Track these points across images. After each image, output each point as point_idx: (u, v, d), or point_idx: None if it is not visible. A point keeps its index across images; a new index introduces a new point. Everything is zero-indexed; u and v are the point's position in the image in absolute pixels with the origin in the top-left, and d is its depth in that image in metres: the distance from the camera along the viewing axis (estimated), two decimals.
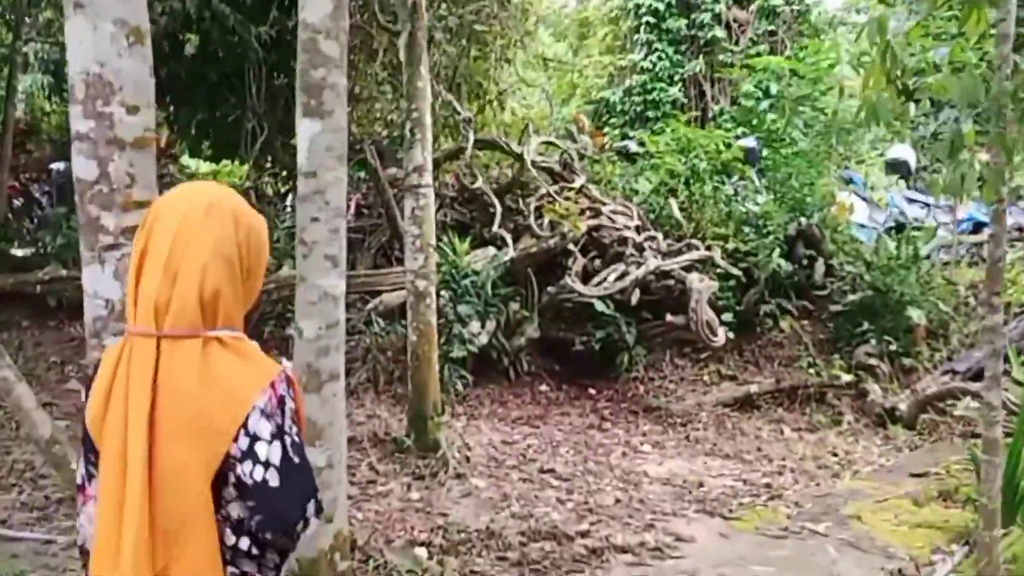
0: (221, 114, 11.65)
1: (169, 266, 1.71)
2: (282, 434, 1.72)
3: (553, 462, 7.18)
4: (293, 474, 1.70)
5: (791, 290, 10.10)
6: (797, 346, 9.75)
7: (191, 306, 1.70)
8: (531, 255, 9.18)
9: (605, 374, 9.57)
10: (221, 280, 1.74)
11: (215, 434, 1.68)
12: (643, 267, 8.69)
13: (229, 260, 1.76)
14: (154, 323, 1.70)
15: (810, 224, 10.05)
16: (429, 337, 7.07)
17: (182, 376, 1.68)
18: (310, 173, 4.18)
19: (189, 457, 1.67)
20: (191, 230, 1.73)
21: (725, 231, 9.97)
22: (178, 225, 1.73)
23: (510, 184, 10.36)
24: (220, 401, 1.68)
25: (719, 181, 10.53)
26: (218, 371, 1.70)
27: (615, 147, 12.26)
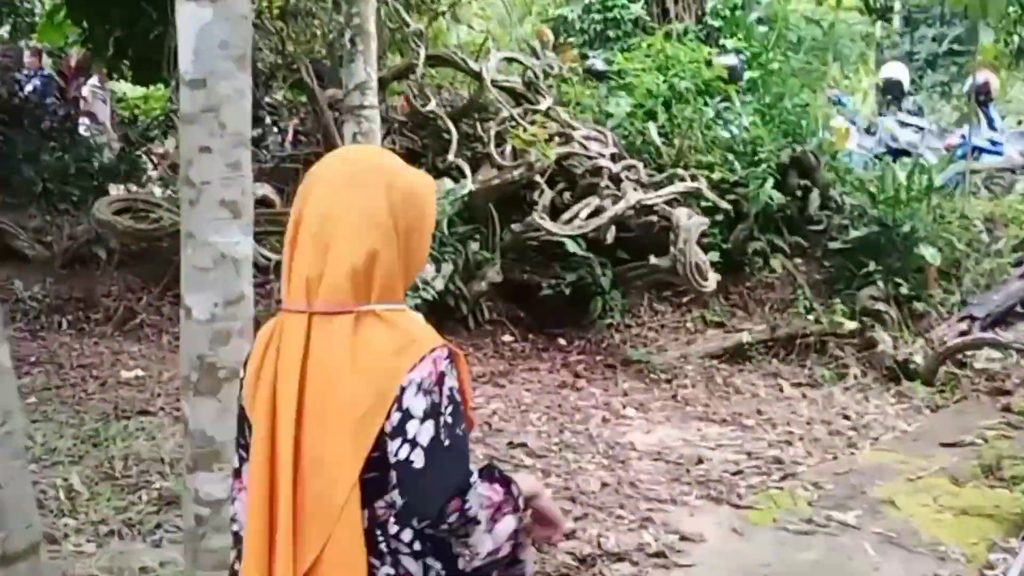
0: (141, 30, 10.29)
1: (319, 239, 1.65)
2: (436, 413, 1.61)
3: (524, 433, 6.09)
4: (441, 457, 1.59)
5: (783, 225, 9.04)
6: (791, 288, 8.72)
7: (342, 280, 1.64)
8: (492, 188, 7.99)
9: (576, 322, 8.49)
10: (375, 250, 1.65)
11: (365, 414, 1.60)
12: (622, 201, 7.54)
13: (383, 228, 1.66)
14: (305, 299, 1.65)
15: (805, 151, 8.95)
16: None
17: (333, 355, 1.62)
18: (197, 81, 2.96)
19: (339, 442, 1.61)
20: (339, 201, 1.67)
21: (710, 159, 8.83)
22: (327, 196, 1.68)
23: (467, 107, 9.10)
24: (371, 378, 1.60)
25: (702, 103, 9.36)
26: (372, 347, 1.62)
27: (583, 66, 10.99)
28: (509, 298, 8.63)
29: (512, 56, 9.33)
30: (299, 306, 1.66)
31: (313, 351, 1.63)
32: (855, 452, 5.93)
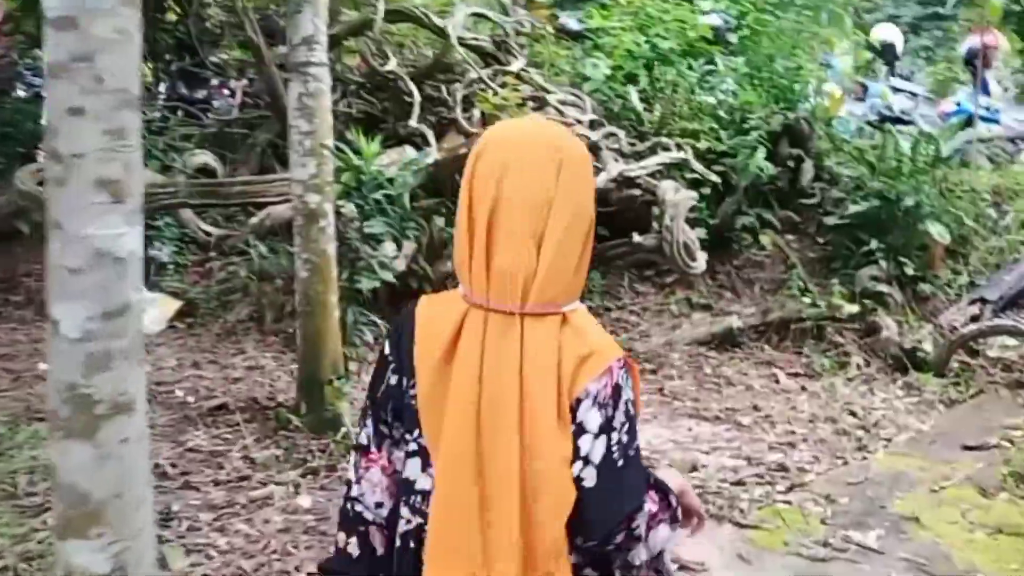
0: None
1: (528, 233, 1.54)
2: (610, 429, 1.54)
3: None
4: (613, 477, 1.53)
5: (773, 198, 8.36)
6: (783, 267, 8.05)
7: (557, 279, 1.55)
8: (460, 157, 7.21)
9: None
10: (582, 245, 1.58)
11: (564, 427, 1.53)
12: (602, 174, 6.80)
13: (586, 220, 1.59)
14: (517, 298, 1.54)
15: (797, 118, 8.25)
16: (325, 272, 5.14)
17: (543, 358, 1.53)
18: (64, 20, 2.19)
19: (554, 452, 1.52)
20: (545, 189, 1.55)
21: (696, 127, 8.11)
22: (529, 183, 1.55)
23: (431, 67, 8.31)
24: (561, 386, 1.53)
25: (686, 66, 8.63)
26: (564, 353, 1.54)
27: (556, 25, 10.20)
28: None
29: (480, 12, 8.52)
30: (506, 305, 1.54)
31: (527, 354, 1.53)
32: (867, 456, 5.28)
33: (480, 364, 1.54)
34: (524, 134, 1.64)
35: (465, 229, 1.58)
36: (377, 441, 1.68)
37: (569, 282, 1.57)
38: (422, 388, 1.58)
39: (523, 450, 1.52)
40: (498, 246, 1.55)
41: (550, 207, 1.54)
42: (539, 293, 1.54)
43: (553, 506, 1.51)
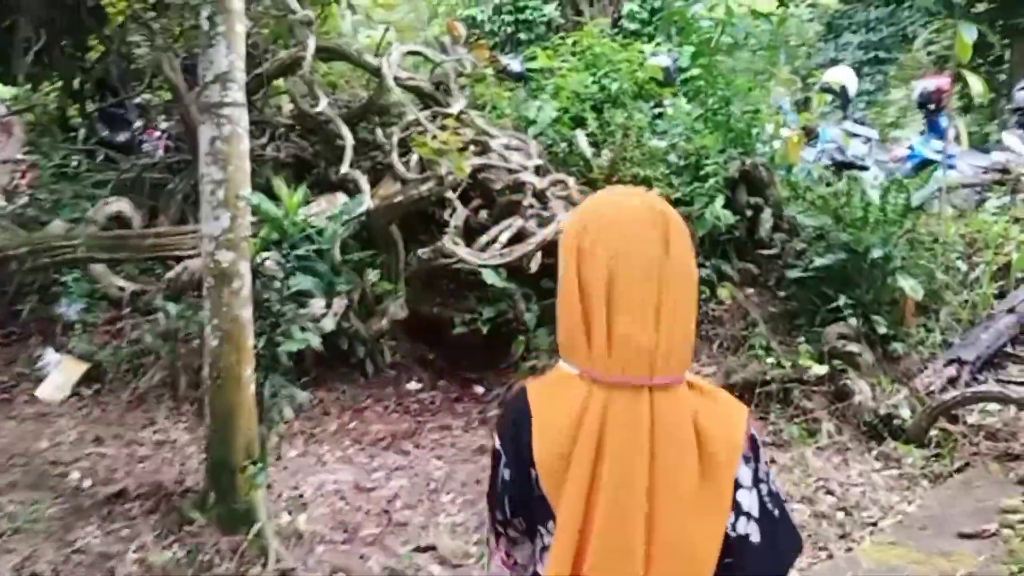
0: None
1: (652, 305, 1.52)
2: (758, 481, 1.58)
3: (433, 527, 4.73)
4: (773, 528, 1.56)
5: (730, 249, 7.85)
6: (742, 323, 7.52)
7: (678, 347, 1.55)
8: (395, 206, 6.62)
9: (495, 364, 7.15)
10: (695, 310, 1.60)
11: (719, 492, 1.51)
12: (552, 224, 6.24)
13: (695, 284, 1.61)
14: (648, 371, 1.51)
15: (756, 163, 7.78)
16: (238, 341, 4.47)
17: (681, 430, 1.51)
18: None
19: (696, 528, 1.50)
20: (663, 261, 1.54)
21: (649, 172, 7.60)
22: (649, 260, 1.54)
23: (365, 108, 7.71)
24: (713, 452, 1.51)
25: (637, 109, 8.14)
26: (701, 419, 1.53)
27: (495, 68, 9.69)
28: (416, 336, 7.29)
29: (417, 50, 7.96)
30: (634, 379, 1.51)
31: (660, 427, 1.50)
32: (852, 546, 4.70)
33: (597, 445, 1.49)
34: (625, 206, 1.59)
35: (579, 308, 1.54)
36: (494, 536, 1.69)
37: (689, 348, 1.57)
38: (551, 478, 1.52)
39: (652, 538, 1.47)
40: (620, 321, 1.51)
41: (663, 277, 1.53)
42: (664, 363, 1.51)
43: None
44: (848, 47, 18.56)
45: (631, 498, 1.47)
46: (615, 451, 1.49)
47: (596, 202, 1.65)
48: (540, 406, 1.56)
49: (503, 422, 1.64)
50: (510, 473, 1.58)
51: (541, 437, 1.53)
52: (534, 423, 1.54)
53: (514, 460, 1.58)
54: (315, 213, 6.84)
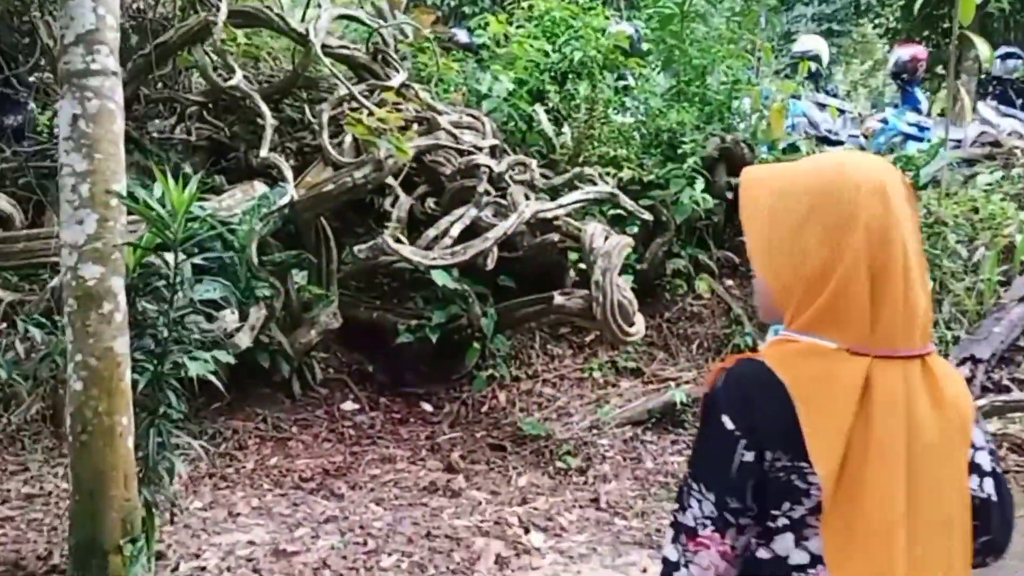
0: None
1: (920, 274, 1.48)
2: (986, 443, 1.57)
3: None
4: (1003, 486, 1.57)
5: (709, 236, 6.98)
6: (724, 320, 6.66)
7: (930, 314, 1.50)
8: (324, 196, 5.61)
9: (446, 376, 6.22)
10: None
11: (964, 457, 1.50)
12: (514, 215, 5.28)
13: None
14: (919, 341, 1.46)
15: (736, 140, 6.90)
16: (110, 383, 3.46)
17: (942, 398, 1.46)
18: None
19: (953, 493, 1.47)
20: (916, 230, 1.49)
21: (619, 153, 6.68)
22: (911, 224, 1.48)
23: (289, 82, 6.67)
24: (963, 416, 1.49)
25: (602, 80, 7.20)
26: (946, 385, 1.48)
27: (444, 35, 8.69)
28: (352, 346, 6.31)
29: (350, 14, 6.92)
30: (912, 349, 1.45)
31: (946, 394, 1.47)
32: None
33: (907, 414, 1.43)
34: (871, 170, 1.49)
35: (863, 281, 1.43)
36: (718, 526, 1.48)
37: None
38: (829, 455, 1.41)
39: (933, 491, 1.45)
40: (912, 291, 1.45)
41: (918, 247, 1.49)
42: (926, 332, 1.49)
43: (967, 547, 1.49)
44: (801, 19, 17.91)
45: (898, 467, 1.42)
46: (887, 423, 1.42)
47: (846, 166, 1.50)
48: (798, 379, 1.44)
49: (731, 399, 1.47)
50: (753, 454, 1.45)
51: (814, 413, 1.42)
52: (796, 397, 1.42)
53: (755, 439, 1.45)
54: (229, 207, 5.86)
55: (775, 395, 1.42)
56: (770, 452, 1.44)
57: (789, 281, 1.47)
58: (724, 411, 1.46)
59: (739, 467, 1.46)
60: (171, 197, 3.73)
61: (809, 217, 1.45)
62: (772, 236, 1.48)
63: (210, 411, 5.52)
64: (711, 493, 1.48)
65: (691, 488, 1.50)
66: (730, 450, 1.46)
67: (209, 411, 5.52)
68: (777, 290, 1.49)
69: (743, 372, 1.48)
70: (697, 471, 1.51)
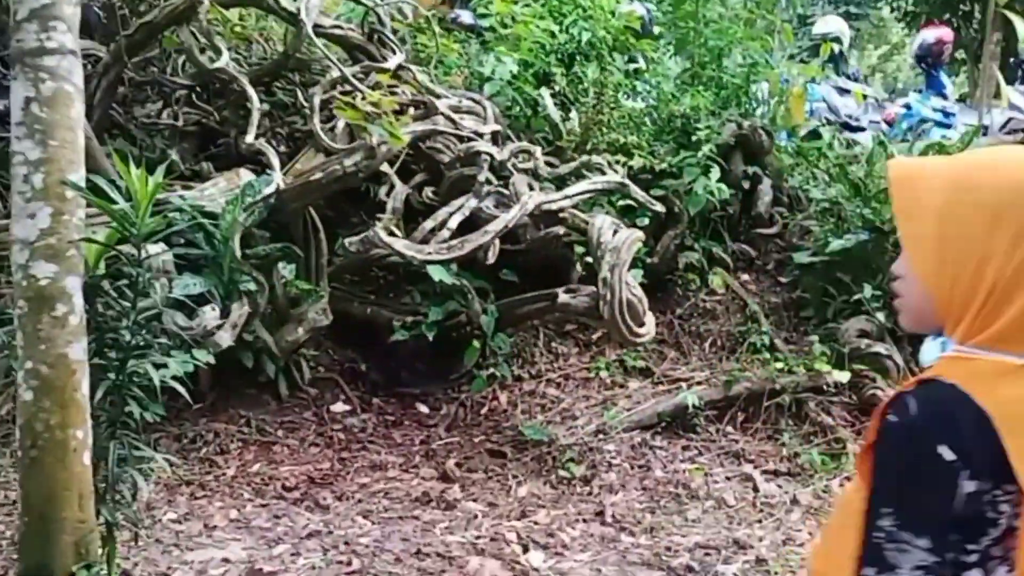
0: None
1: None
2: None
3: None
4: None
5: (723, 228, 6.60)
6: (740, 317, 6.29)
7: None
8: (312, 185, 5.25)
9: (444, 376, 5.87)
10: None
11: None
12: (516, 206, 4.91)
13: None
14: None
15: (754, 127, 6.51)
16: (63, 393, 3.13)
17: None
18: None
19: None
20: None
21: (629, 140, 6.31)
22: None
23: (279, 64, 6.32)
24: None
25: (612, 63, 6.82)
26: None
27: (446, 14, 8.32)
28: (345, 343, 5.97)
29: None
30: None
31: None
32: None
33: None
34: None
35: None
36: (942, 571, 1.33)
37: None
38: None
39: None
40: None
41: None
42: None
43: None
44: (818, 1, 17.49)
45: None
46: None
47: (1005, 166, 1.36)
48: (1000, 404, 1.29)
49: (943, 427, 1.30)
50: (975, 484, 1.30)
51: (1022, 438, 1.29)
52: (1000, 423, 1.28)
53: (974, 468, 1.29)
54: (212, 196, 5.52)
55: (976, 420, 1.30)
56: (979, 481, 1.32)
57: (967, 290, 1.33)
58: (940, 441, 1.32)
59: (964, 500, 1.33)
60: (134, 187, 3.38)
61: (1000, 218, 1.30)
62: (945, 238, 1.32)
63: (191, 412, 5.18)
64: (923, 538, 1.34)
65: (895, 541, 1.34)
66: (951, 483, 1.32)
67: (190, 412, 5.18)
68: (946, 299, 1.34)
69: (940, 397, 1.33)
70: (904, 518, 1.34)
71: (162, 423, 4.98)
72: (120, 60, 6.35)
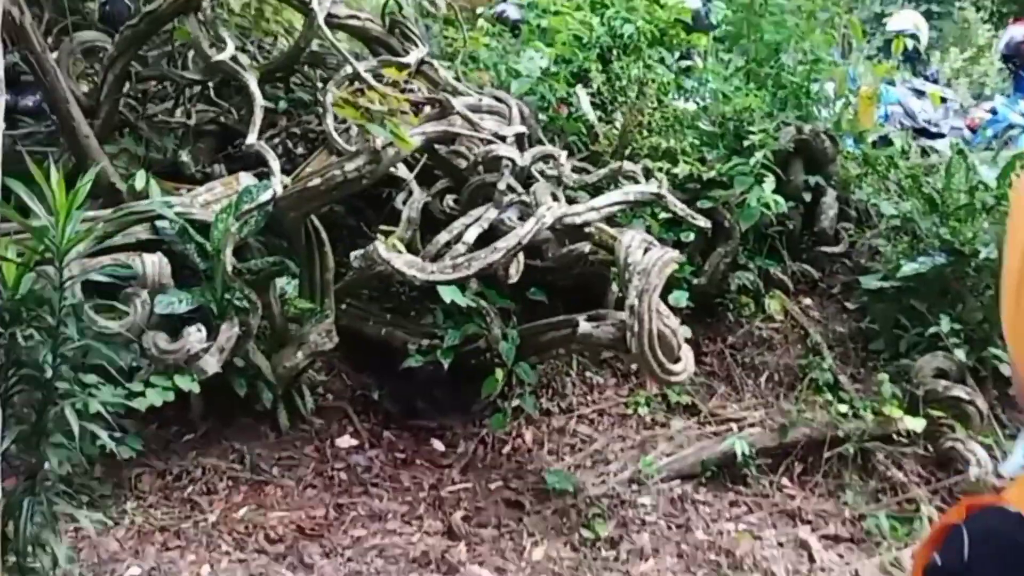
0: None
1: None
2: None
3: None
4: None
5: (781, 245, 5.90)
6: (799, 347, 5.58)
7: None
8: (309, 193, 4.62)
9: (465, 407, 5.24)
10: None
11: None
12: (530, 220, 4.26)
13: None
14: None
15: (816, 131, 5.81)
16: None
17: None
18: None
19: None
20: None
21: (673, 144, 5.65)
22: None
23: (290, 58, 5.75)
24: None
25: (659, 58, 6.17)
26: None
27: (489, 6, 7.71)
28: (360, 367, 5.38)
29: None
30: None
31: None
32: None
33: None
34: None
35: None
36: None
37: None
38: None
39: None
40: None
41: None
42: None
43: None
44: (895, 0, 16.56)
45: None
46: None
47: None
48: None
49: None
50: None
51: None
52: None
53: None
54: (206, 202, 4.99)
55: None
56: None
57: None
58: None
59: None
60: (56, 198, 2.82)
61: None
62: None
63: (181, 444, 4.65)
64: None
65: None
66: None
67: (180, 444, 4.65)
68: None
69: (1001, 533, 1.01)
70: None
71: (146, 456, 4.48)
72: (125, 53, 5.85)
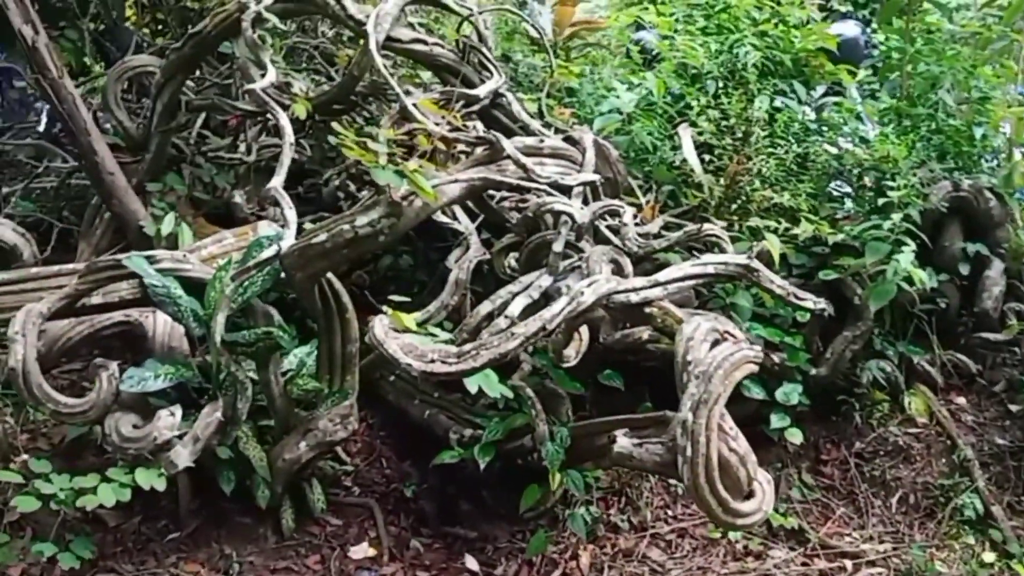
0: None
1: None
2: None
3: None
4: None
5: (929, 329, 4.69)
6: (945, 463, 4.37)
7: None
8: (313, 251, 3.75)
9: (511, 514, 4.27)
10: None
11: None
12: (564, 300, 3.26)
13: None
14: None
15: (977, 188, 4.61)
16: None
17: None
18: None
19: None
20: None
21: (795, 200, 4.56)
22: None
23: (344, 89, 4.97)
24: None
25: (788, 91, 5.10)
26: None
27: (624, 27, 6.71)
28: (399, 451, 4.53)
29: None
30: None
31: None
32: None
33: None
34: None
35: None
36: None
37: None
38: None
39: None
40: None
41: None
42: None
43: None
44: None
45: None
46: None
47: None
48: None
49: None
50: None
51: None
52: None
53: None
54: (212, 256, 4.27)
55: None
56: None
57: None
58: None
59: None
60: None
61: None
62: None
63: (162, 544, 3.90)
64: None
65: None
66: None
67: (161, 544, 3.90)
68: None
69: None
70: None
71: (114, 559, 3.75)
72: (172, 80, 5.27)
